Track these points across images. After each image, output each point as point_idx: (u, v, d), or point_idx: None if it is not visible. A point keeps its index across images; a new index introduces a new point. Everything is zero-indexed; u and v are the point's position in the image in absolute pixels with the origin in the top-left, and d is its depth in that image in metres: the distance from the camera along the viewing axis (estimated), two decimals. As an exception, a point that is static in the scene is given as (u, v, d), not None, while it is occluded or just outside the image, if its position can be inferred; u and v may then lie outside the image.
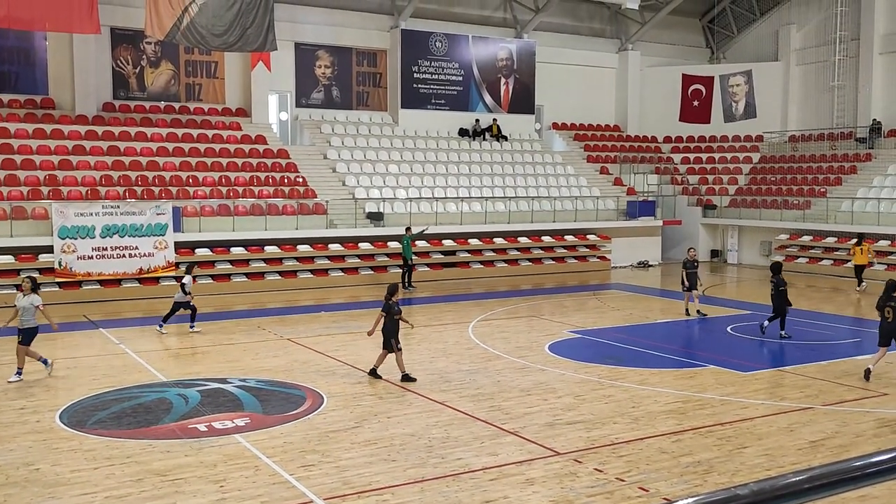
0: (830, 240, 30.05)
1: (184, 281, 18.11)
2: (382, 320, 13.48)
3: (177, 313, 17.96)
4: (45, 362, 13.74)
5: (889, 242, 28.28)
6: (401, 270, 25.59)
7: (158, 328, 17.94)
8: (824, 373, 14.04)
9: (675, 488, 8.61)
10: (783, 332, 16.95)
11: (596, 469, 9.19)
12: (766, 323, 17.41)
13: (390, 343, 13.40)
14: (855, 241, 25.96)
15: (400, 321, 13.58)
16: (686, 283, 20.10)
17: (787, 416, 11.37)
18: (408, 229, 25.67)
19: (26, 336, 13.50)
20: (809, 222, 30.90)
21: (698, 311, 20.22)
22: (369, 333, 13.71)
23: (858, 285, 25.18)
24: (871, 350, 16.16)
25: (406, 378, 13.30)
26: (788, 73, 37.32)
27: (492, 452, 9.78)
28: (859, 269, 25.44)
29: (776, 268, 17.58)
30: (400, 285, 22.57)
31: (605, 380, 13.52)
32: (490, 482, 8.78)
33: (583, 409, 11.72)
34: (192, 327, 18.06)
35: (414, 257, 26.13)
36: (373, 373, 13.59)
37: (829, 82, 35.66)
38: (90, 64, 27.37)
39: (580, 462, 9.43)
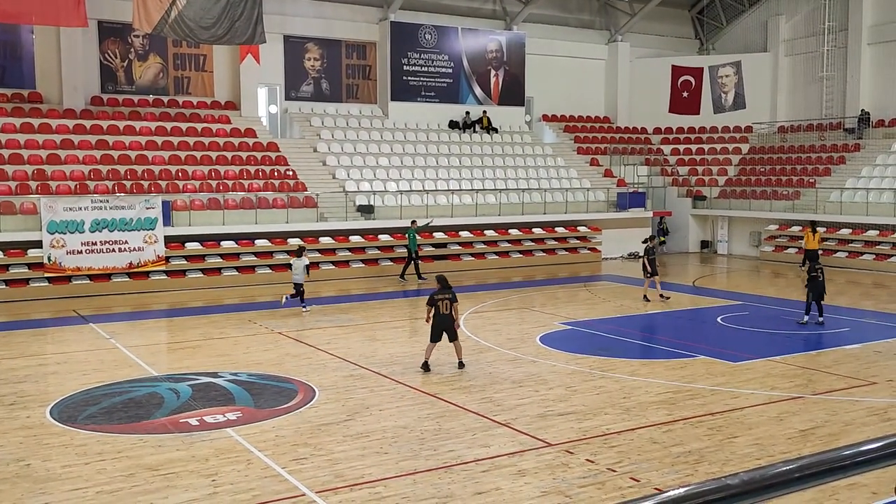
0: (820, 230, 30.12)
1: (305, 262, 19.66)
2: (433, 311, 13.53)
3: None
4: None
5: (878, 232, 28.42)
6: (406, 262, 25.58)
7: (304, 310, 19.27)
8: (814, 362, 14.12)
9: (666, 478, 8.65)
10: (820, 318, 17.36)
11: (587, 460, 9.22)
12: (806, 318, 17.48)
13: (439, 334, 13.53)
14: (810, 227, 26.27)
15: (455, 314, 13.64)
16: (648, 269, 20.87)
17: (777, 406, 11.43)
18: (413, 222, 25.86)
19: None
20: (799, 212, 31.01)
21: (661, 296, 21.13)
22: (427, 321, 13.79)
23: (803, 265, 25.60)
24: (861, 339, 16.27)
25: (460, 365, 13.67)
26: (777, 63, 37.39)
27: (484, 444, 9.80)
28: (810, 254, 25.69)
29: (814, 256, 18.35)
30: (412, 276, 24.63)
31: (597, 371, 13.56)
32: (482, 474, 8.80)
33: (574, 400, 11.76)
34: (304, 308, 19.50)
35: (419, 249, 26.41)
36: (425, 366, 13.56)
37: (817, 73, 35.75)
38: (78, 57, 27.21)
39: (572, 453, 9.47)
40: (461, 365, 13.66)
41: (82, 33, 26.70)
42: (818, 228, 26.15)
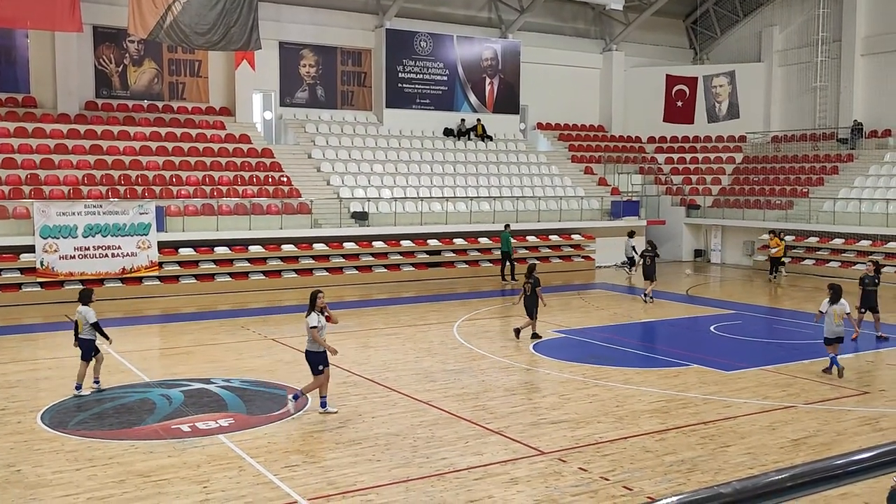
0: (812, 240, 30.27)
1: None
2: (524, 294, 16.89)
3: None
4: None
5: (870, 242, 28.51)
6: (502, 264, 27.45)
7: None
8: (806, 371, 14.13)
9: (658, 487, 8.65)
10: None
11: (580, 468, 9.21)
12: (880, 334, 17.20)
13: (532, 312, 16.78)
14: (772, 234, 27.85)
15: (539, 295, 16.82)
16: (640, 271, 22.92)
17: (770, 415, 11.44)
18: (507, 226, 27.72)
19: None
20: (792, 222, 31.10)
21: (645, 295, 22.30)
22: (513, 304, 17.19)
23: (772, 273, 27.27)
24: (853, 349, 16.30)
25: (535, 336, 16.80)
26: (771, 73, 37.55)
27: (476, 452, 9.79)
28: (776, 261, 27.39)
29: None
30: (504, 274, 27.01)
31: (590, 379, 13.56)
32: (475, 482, 8.79)
33: (567, 408, 11.75)
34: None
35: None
36: (517, 332, 16.82)
37: (811, 83, 35.91)
38: (72, 62, 27.17)
39: (565, 461, 9.46)
40: (535, 336, 16.79)
41: (77, 38, 26.66)
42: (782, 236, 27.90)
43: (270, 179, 27.70)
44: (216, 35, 25.98)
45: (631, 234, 28.84)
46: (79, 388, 12.45)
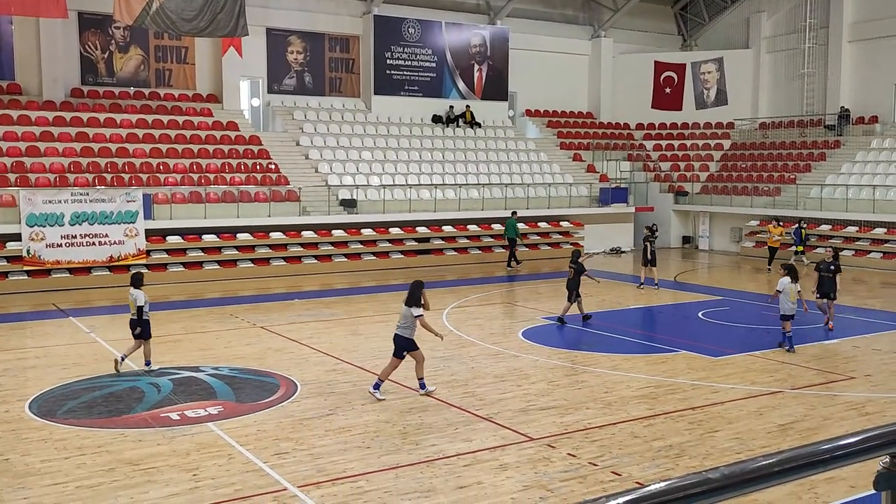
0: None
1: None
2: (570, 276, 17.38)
3: None
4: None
5: (857, 229, 28.67)
6: (509, 250, 27.51)
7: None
8: (793, 357, 14.22)
9: (647, 472, 8.71)
10: None
11: (569, 454, 9.26)
12: None
13: (573, 294, 17.22)
14: (774, 223, 27.47)
15: (584, 277, 17.42)
16: (649, 257, 22.50)
17: (757, 400, 11.52)
18: (514, 213, 27.86)
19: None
20: (779, 209, 31.22)
21: (641, 285, 22.42)
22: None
23: (769, 264, 26.65)
24: (840, 335, 16.41)
25: (586, 317, 17.52)
26: (759, 60, 37.60)
27: (466, 438, 9.82)
28: (774, 251, 27.03)
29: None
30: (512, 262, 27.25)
31: (579, 366, 13.61)
32: (464, 468, 8.82)
33: (556, 394, 11.80)
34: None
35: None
36: (560, 320, 17.20)
37: (798, 70, 35.99)
38: (57, 49, 26.93)
39: (553, 447, 9.50)
40: (586, 317, 17.57)
41: (62, 24, 26.43)
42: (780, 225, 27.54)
43: (258, 167, 27.59)
44: (203, 21, 25.79)
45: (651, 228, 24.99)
46: (148, 364, 13.19)
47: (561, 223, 31.29)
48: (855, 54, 34.24)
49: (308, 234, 26.26)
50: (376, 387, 11.61)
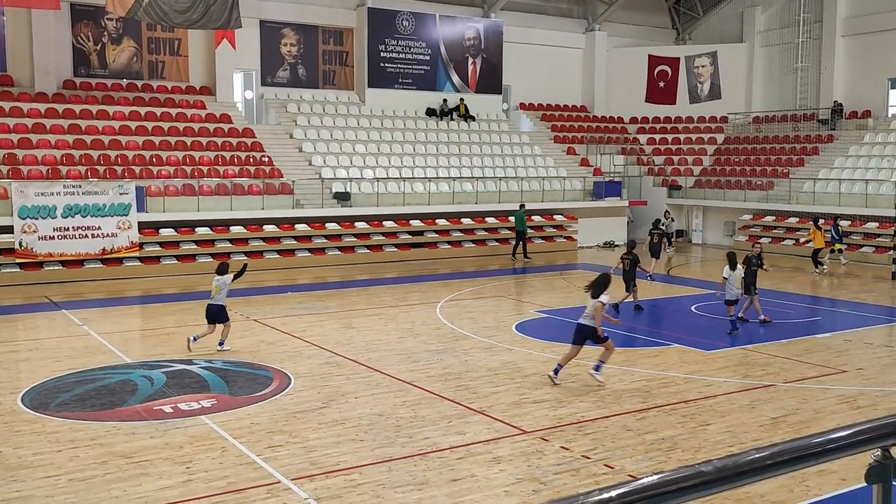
0: (793, 220, 30.49)
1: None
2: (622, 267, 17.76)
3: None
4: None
5: (850, 223, 28.75)
6: (516, 243, 27.88)
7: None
8: (786, 351, 14.28)
9: (639, 465, 8.73)
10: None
11: (562, 447, 9.28)
12: None
13: (630, 285, 17.77)
14: (813, 223, 25.60)
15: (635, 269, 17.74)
16: (664, 247, 23.10)
17: (749, 394, 11.56)
18: (522, 206, 28.11)
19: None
20: (772, 202, 31.30)
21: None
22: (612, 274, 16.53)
23: (816, 267, 24.91)
24: (832, 328, 16.48)
25: (637, 307, 18.12)
26: (753, 54, 37.64)
27: (459, 431, 9.83)
28: (817, 252, 25.19)
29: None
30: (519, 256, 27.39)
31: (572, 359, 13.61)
32: (457, 461, 8.83)
33: (549, 388, 11.82)
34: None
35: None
36: (615, 306, 16.71)
37: (792, 64, 36.03)
38: (50, 40, 26.79)
39: (546, 440, 9.52)
40: (637, 307, 18.09)
41: (54, 16, 26.28)
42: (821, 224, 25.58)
43: (251, 159, 27.52)
44: (196, 13, 25.67)
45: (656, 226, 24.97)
46: (222, 343, 14.09)
47: (554, 217, 31.30)
48: (848, 49, 34.30)
49: (301, 228, 26.21)
50: (556, 371, 12.07)
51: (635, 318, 17.43)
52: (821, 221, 25.79)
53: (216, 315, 14.22)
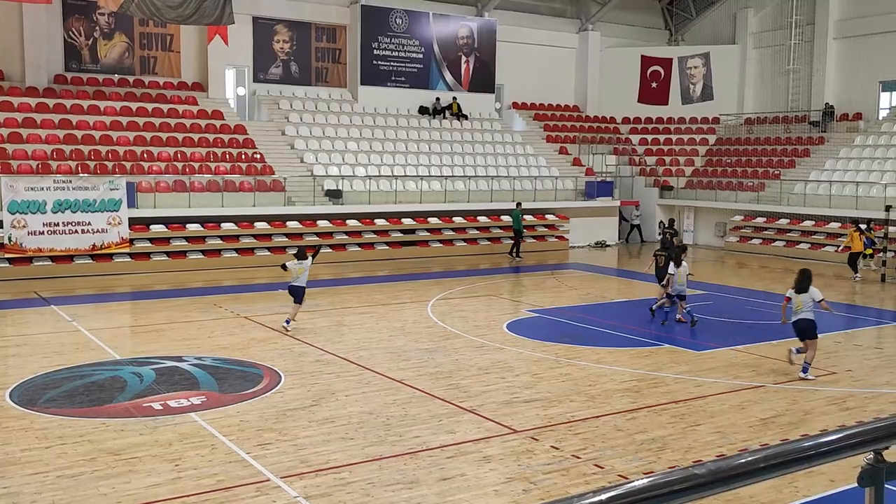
0: (783, 221, 30.59)
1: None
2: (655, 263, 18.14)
3: None
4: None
5: (839, 224, 28.85)
6: (512, 242, 28.01)
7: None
8: (776, 352, 14.32)
9: (629, 465, 8.74)
10: None
11: (552, 447, 9.28)
12: None
13: (659, 279, 17.86)
14: (854, 227, 23.83)
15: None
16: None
17: (739, 395, 11.59)
18: (518, 204, 28.23)
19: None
20: (763, 204, 31.40)
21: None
22: (647, 270, 18.35)
23: (856, 273, 23.77)
24: (821, 330, 16.51)
25: (651, 310, 17.68)
26: (745, 56, 37.75)
27: (450, 430, 9.83)
28: (855, 257, 23.84)
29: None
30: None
31: (563, 358, 13.64)
32: (447, 460, 8.83)
33: (540, 387, 11.82)
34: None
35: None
36: (669, 297, 17.23)
37: (784, 66, 36.14)
38: (41, 35, 26.65)
39: (537, 440, 9.52)
40: (652, 310, 17.64)
41: (46, 10, 26.15)
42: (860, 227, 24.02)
43: (243, 156, 27.45)
44: (188, 9, 25.58)
45: (671, 226, 24.50)
46: (288, 322, 15.46)
47: (546, 216, 31.33)
48: (840, 51, 34.43)
49: (293, 225, 26.16)
50: (805, 370, 12.40)
51: (651, 321, 17.23)
52: (863, 226, 24.07)
53: (300, 294, 15.71)
